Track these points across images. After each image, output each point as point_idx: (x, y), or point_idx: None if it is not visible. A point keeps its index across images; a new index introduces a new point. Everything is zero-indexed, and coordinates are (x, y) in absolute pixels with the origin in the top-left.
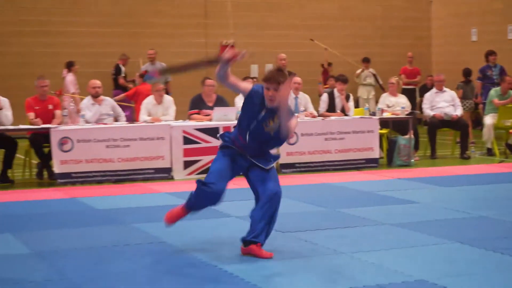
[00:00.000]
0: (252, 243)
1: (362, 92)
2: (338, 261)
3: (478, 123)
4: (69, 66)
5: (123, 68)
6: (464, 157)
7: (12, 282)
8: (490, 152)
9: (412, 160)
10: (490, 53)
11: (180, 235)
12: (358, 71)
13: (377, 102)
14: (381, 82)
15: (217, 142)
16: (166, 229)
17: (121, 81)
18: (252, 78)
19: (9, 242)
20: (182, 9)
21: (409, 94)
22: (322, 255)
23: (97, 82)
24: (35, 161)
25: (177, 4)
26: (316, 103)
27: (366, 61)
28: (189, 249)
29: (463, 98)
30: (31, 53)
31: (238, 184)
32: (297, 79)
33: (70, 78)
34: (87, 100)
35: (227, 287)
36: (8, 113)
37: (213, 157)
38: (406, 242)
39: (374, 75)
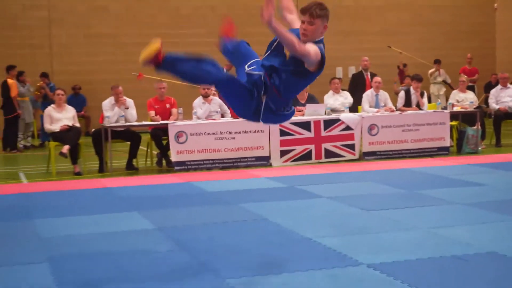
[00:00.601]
0: None
1: (434, 89)
2: (417, 235)
3: None
4: None
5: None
6: None
7: (141, 252)
8: None
9: (479, 148)
10: None
11: (279, 212)
12: (431, 70)
13: (447, 98)
14: (449, 81)
15: (308, 134)
16: (267, 208)
17: None
18: (339, 78)
19: (136, 219)
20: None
21: (470, 90)
22: (403, 230)
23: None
24: (155, 151)
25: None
26: (393, 100)
27: (437, 62)
28: (289, 225)
29: None
30: None
31: (327, 169)
32: (378, 78)
33: None
34: (199, 100)
35: (333, 260)
36: (133, 112)
37: (305, 147)
38: (476, 219)
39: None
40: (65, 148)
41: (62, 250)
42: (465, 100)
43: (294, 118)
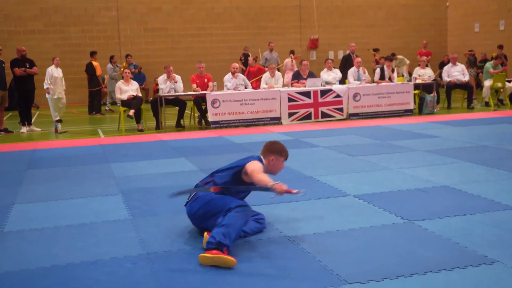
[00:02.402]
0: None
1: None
2: (389, 174)
3: (478, 85)
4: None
5: (249, 55)
6: (470, 108)
7: (189, 187)
8: (487, 104)
9: (435, 110)
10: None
11: (288, 157)
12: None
13: (410, 73)
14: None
15: (309, 100)
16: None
17: (240, 64)
18: (331, 59)
19: (184, 163)
20: (285, 17)
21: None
22: (379, 170)
23: (236, 65)
24: (197, 114)
25: (281, 14)
26: (371, 75)
27: (393, 55)
28: (296, 167)
29: (469, 67)
30: (191, 48)
31: (323, 126)
32: (359, 59)
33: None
34: (228, 75)
35: (329, 192)
36: (180, 85)
37: (307, 110)
38: (433, 162)
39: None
40: (131, 112)
41: (131, 186)
42: (424, 74)
43: (298, 88)
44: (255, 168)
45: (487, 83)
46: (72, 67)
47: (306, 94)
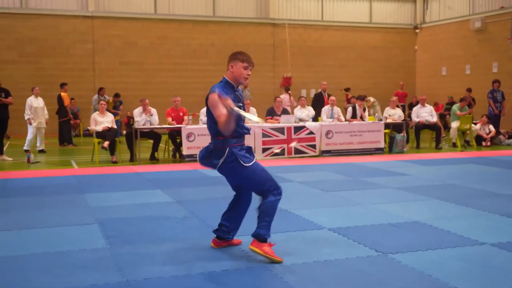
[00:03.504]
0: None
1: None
2: (362, 209)
3: (446, 126)
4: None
5: None
6: (438, 148)
7: (163, 217)
8: (454, 145)
9: (405, 149)
10: (495, 81)
11: None
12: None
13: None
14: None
15: (283, 137)
16: None
17: None
18: (304, 97)
19: (159, 194)
20: (259, 54)
21: (402, 108)
22: (352, 205)
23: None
24: (171, 147)
25: (255, 51)
26: (343, 113)
27: (364, 97)
28: None
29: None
30: (166, 82)
31: (296, 162)
32: (333, 98)
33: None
34: (204, 109)
35: (304, 225)
36: (155, 118)
37: (280, 146)
38: (403, 198)
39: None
40: (106, 143)
41: (107, 216)
42: (394, 114)
43: (272, 125)
44: (213, 109)
45: (454, 124)
46: (45, 98)
47: (280, 130)
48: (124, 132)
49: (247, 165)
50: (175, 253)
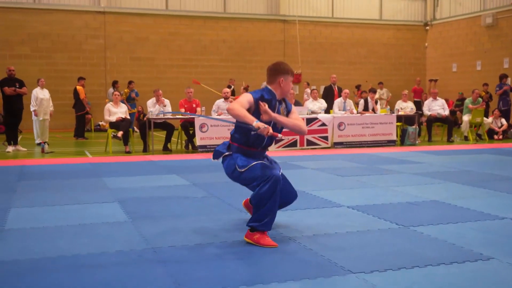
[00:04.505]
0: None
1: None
2: (379, 190)
3: (456, 123)
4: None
5: (232, 86)
6: (450, 141)
7: (183, 197)
8: (466, 139)
9: (417, 142)
10: (503, 76)
11: None
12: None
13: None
14: (390, 95)
15: None
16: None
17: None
18: (317, 90)
19: (176, 179)
20: (269, 51)
21: (418, 103)
22: (369, 187)
23: (227, 90)
24: (184, 139)
25: (266, 48)
26: (355, 107)
27: (380, 83)
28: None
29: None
30: (177, 78)
31: (309, 153)
32: (346, 91)
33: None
34: (219, 101)
35: (323, 204)
36: (169, 109)
37: (292, 137)
38: (420, 182)
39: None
40: (120, 133)
41: (126, 195)
42: (406, 107)
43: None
44: (233, 104)
45: (466, 117)
46: (57, 93)
47: None
48: (135, 128)
49: (241, 170)
50: (198, 226)
